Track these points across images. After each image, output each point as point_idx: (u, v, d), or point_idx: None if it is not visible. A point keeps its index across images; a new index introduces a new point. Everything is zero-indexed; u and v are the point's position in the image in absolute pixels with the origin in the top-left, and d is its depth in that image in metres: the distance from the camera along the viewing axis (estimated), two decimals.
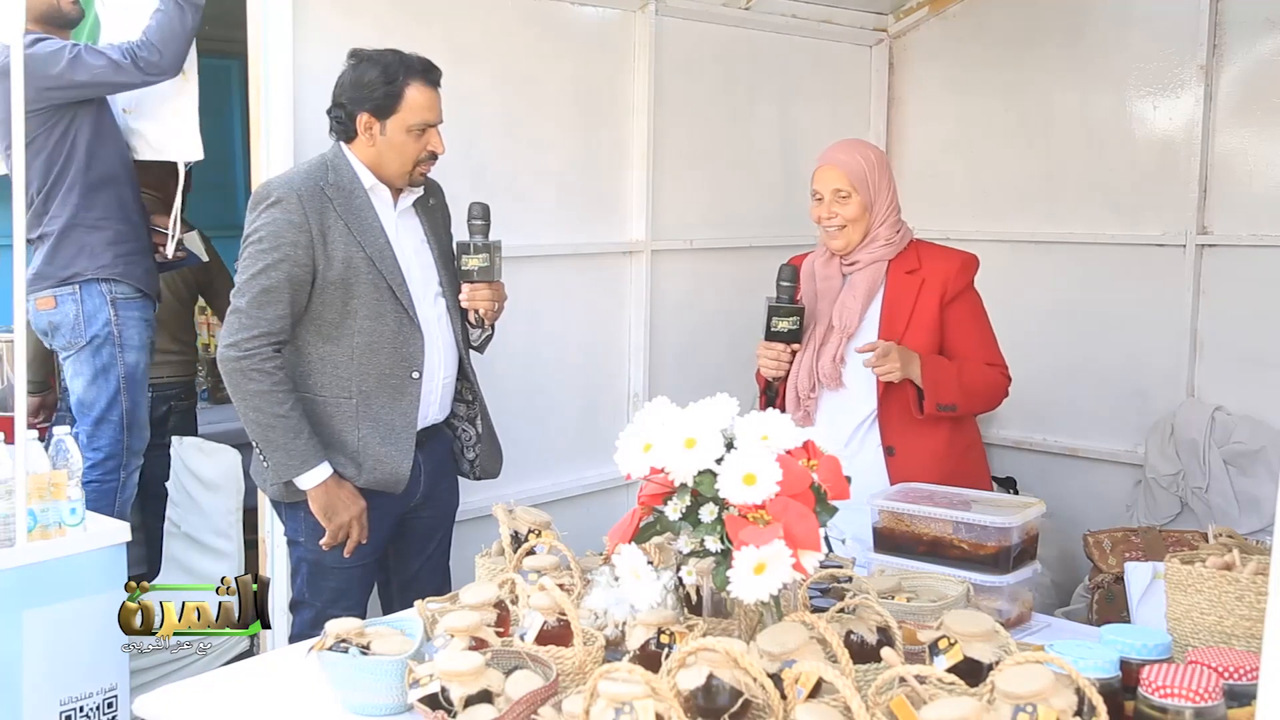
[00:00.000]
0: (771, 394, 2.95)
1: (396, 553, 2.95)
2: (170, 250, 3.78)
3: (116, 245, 3.64)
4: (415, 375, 2.77)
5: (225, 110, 6.10)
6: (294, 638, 2.80)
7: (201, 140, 3.56)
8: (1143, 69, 4.10)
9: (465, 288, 2.84)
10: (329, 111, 2.77)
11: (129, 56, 3.40)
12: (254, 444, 2.72)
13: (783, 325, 2.85)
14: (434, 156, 2.78)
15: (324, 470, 2.69)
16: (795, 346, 2.88)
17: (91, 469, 3.55)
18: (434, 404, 2.85)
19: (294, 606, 2.89)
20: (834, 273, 2.93)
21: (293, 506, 2.77)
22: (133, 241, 3.70)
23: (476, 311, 2.86)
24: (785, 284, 2.85)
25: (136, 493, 4.02)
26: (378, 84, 2.69)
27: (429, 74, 2.74)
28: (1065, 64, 4.28)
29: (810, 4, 4.32)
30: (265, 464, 2.72)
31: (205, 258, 4.09)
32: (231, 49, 4.27)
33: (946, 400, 2.79)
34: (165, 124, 3.62)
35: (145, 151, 3.71)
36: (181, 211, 3.81)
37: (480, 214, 2.84)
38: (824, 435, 1.84)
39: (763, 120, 4.31)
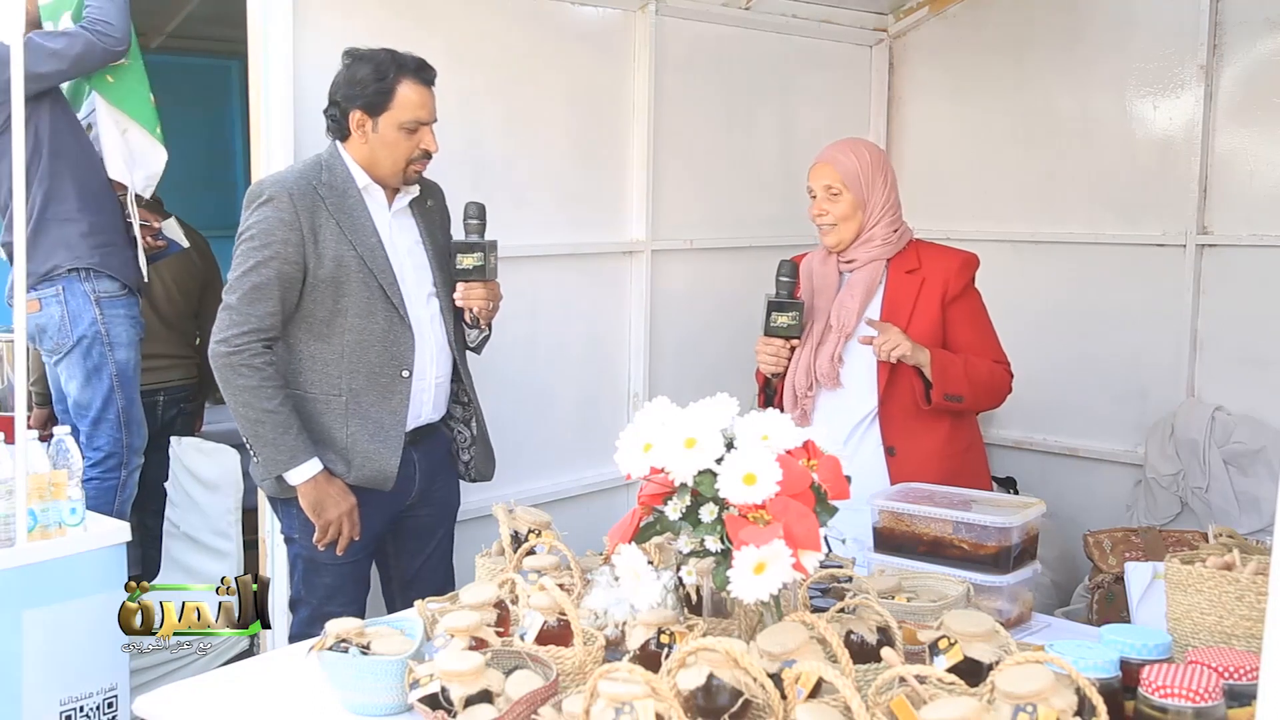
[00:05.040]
0: (770, 392, 2.95)
1: (396, 552, 2.96)
2: (138, 228, 3.79)
3: (92, 236, 3.61)
4: (405, 374, 2.77)
5: (225, 110, 6.11)
6: (293, 636, 2.80)
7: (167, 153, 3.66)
8: (1143, 69, 4.10)
9: (460, 286, 2.85)
10: (325, 111, 2.78)
11: (85, 31, 3.40)
12: (244, 439, 2.73)
13: (781, 320, 2.84)
14: (427, 155, 2.78)
15: (313, 466, 2.69)
16: (794, 342, 2.88)
17: (92, 468, 3.56)
18: (426, 403, 2.85)
19: (292, 605, 2.90)
20: (831, 270, 2.93)
21: (287, 503, 2.77)
22: (108, 232, 3.67)
23: (472, 311, 2.86)
24: (785, 279, 2.85)
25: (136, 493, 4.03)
26: (369, 81, 2.70)
27: (421, 72, 2.75)
28: (1065, 64, 4.28)
29: (810, 4, 4.32)
30: (256, 460, 2.73)
31: (185, 243, 4.07)
32: (231, 49, 4.28)
33: (954, 390, 2.77)
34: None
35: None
36: (152, 196, 3.82)
37: (476, 213, 2.84)
38: (824, 435, 1.84)
39: (762, 120, 4.31)
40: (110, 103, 3.65)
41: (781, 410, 1.84)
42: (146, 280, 3.84)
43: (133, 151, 3.66)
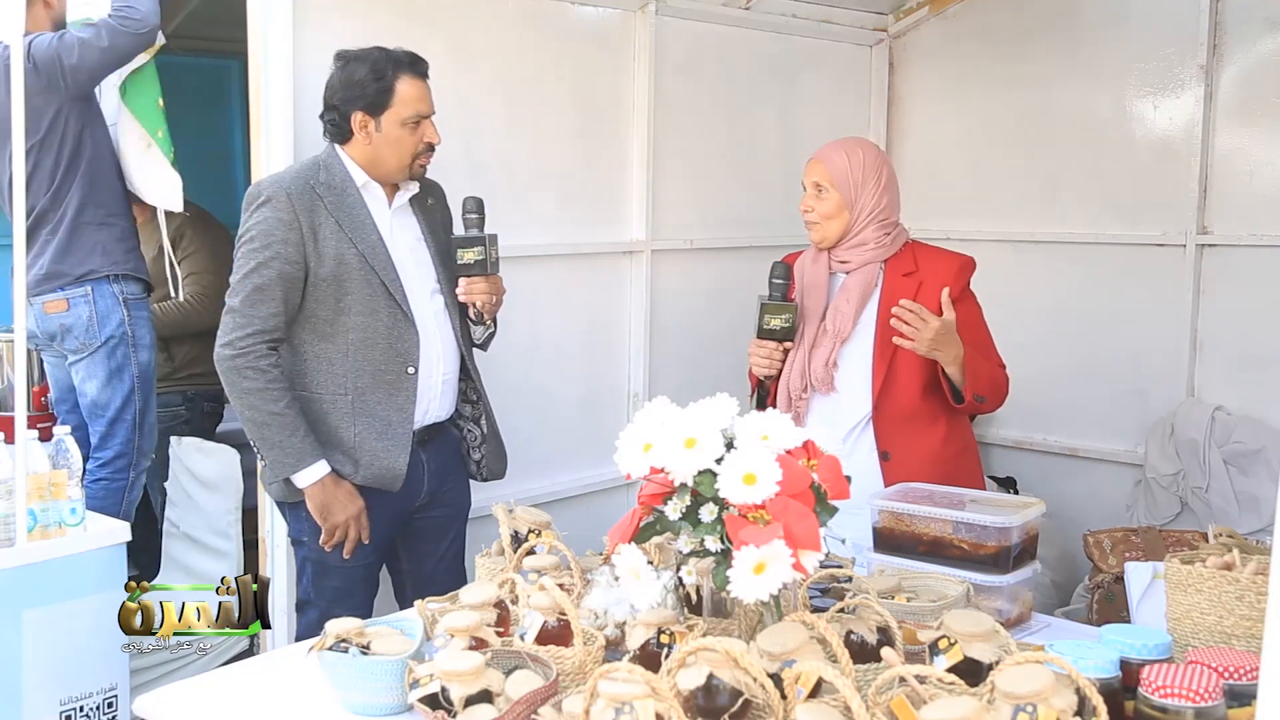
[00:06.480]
0: (763, 393, 2.93)
1: (409, 553, 2.95)
2: (168, 246, 3.82)
3: (124, 240, 3.65)
4: (411, 371, 2.77)
5: (225, 110, 6.11)
6: (300, 638, 2.80)
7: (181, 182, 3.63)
8: (1143, 69, 4.10)
9: (461, 281, 2.85)
10: (322, 116, 2.78)
11: (113, 20, 3.39)
12: (251, 442, 2.73)
13: (775, 322, 2.83)
14: (431, 148, 2.79)
15: (321, 468, 2.69)
16: (788, 344, 2.87)
17: (101, 467, 3.57)
18: (434, 400, 2.85)
19: (300, 607, 2.90)
20: (821, 270, 2.91)
21: (295, 506, 2.77)
22: (133, 237, 3.72)
23: (475, 306, 2.86)
24: (778, 281, 2.84)
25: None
26: (368, 81, 2.70)
27: (416, 66, 2.76)
28: (1065, 64, 4.28)
29: (810, 4, 4.32)
30: (263, 462, 2.72)
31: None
32: (231, 49, 4.28)
33: (982, 390, 2.77)
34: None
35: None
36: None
37: (474, 208, 2.84)
38: (823, 435, 1.84)
39: (762, 120, 4.31)
40: (132, 112, 3.64)
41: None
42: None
43: (150, 168, 3.66)
